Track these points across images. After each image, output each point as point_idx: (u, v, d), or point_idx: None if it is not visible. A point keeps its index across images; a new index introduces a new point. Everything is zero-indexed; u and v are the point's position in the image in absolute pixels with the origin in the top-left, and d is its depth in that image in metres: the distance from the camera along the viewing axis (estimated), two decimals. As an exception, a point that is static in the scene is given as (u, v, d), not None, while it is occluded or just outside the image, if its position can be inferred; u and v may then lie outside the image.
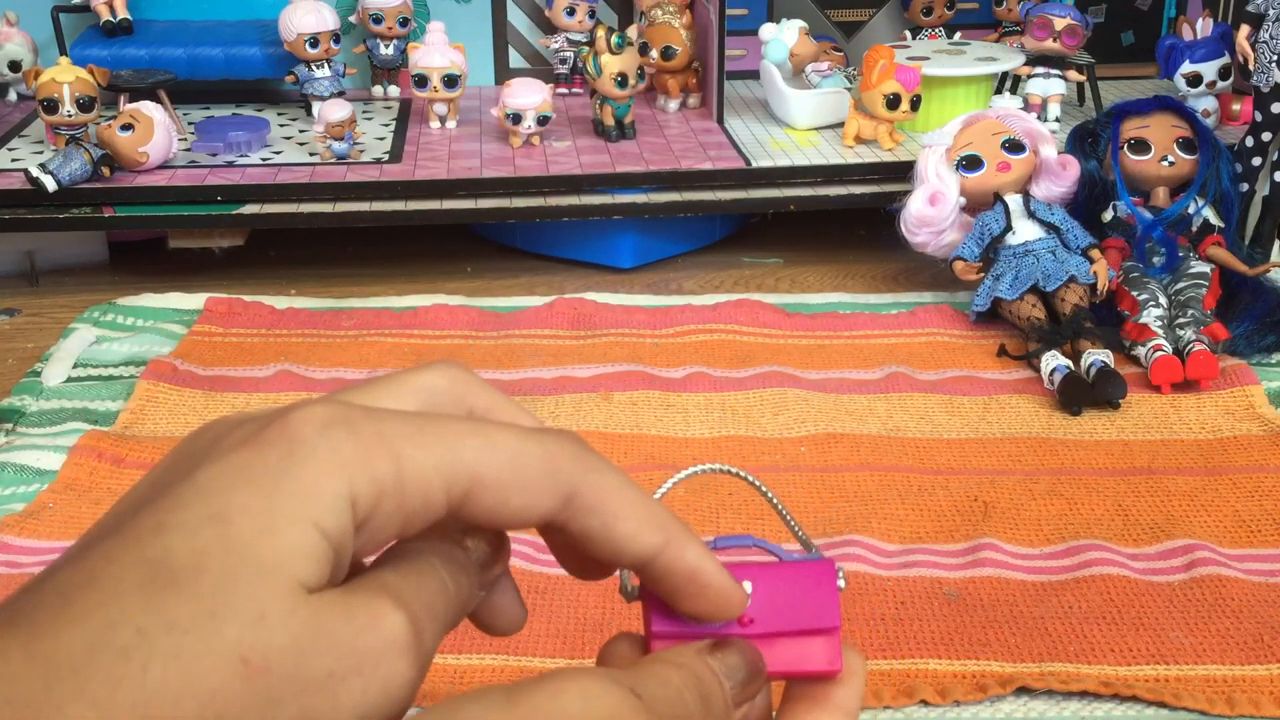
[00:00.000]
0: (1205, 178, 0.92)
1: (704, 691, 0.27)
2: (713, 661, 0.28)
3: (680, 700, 0.26)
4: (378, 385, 0.28)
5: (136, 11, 1.17)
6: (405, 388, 0.28)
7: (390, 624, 0.24)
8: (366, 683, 0.23)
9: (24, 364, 0.87)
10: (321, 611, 0.23)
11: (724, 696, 0.28)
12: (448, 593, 0.26)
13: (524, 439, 0.27)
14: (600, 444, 0.76)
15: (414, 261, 1.06)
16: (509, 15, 1.27)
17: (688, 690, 0.27)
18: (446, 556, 0.27)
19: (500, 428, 0.27)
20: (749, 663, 0.28)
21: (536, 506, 0.27)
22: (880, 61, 1.04)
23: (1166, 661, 0.57)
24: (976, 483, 0.72)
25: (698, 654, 0.28)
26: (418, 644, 0.24)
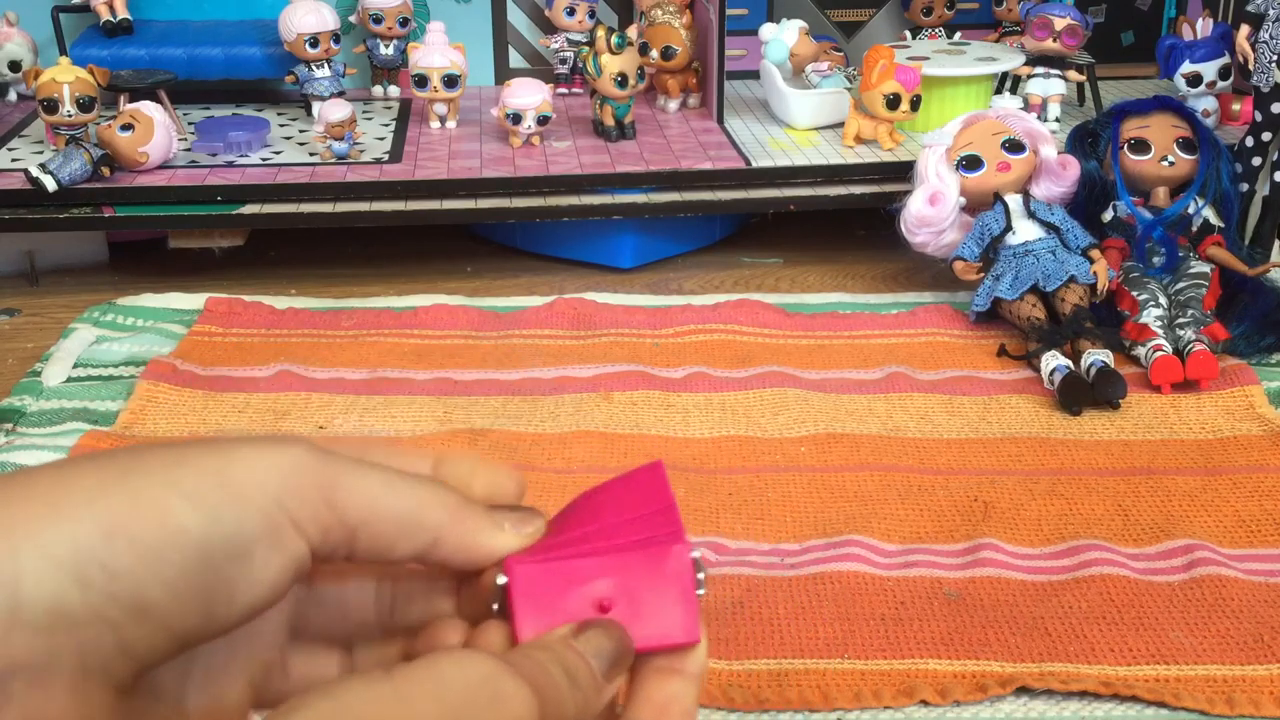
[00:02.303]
0: (1205, 178, 0.92)
1: (569, 668, 0.28)
2: (577, 642, 0.29)
3: (549, 677, 0.28)
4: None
5: (136, 11, 1.17)
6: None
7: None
8: None
9: (24, 364, 0.87)
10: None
11: (590, 673, 0.29)
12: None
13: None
14: (600, 444, 0.76)
15: (414, 261, 1.06)
16: (509, 15, 1.27)
17: (553, 665, 0.28)
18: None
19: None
20: (615, 640, 0.30)
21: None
22: (880, 61, 1.04)
23: (1166, 661, 0.57)
24: (976, 483, 0.72)
25: (561, 638, 0.29)
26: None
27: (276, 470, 0.27)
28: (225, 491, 0.27)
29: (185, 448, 0.27)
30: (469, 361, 0.87)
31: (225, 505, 0.26)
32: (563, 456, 0.75)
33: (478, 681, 0.26)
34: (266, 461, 0.27)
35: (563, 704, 0.28)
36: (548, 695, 0.27)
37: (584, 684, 0.28)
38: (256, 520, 0.27)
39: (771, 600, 0.61)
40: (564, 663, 0.28)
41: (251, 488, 0.27)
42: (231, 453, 0.27)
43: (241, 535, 0.26)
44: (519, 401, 0.81)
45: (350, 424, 0.79)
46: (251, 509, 0.27)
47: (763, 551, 0.66)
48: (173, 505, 0.26)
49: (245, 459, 0.27)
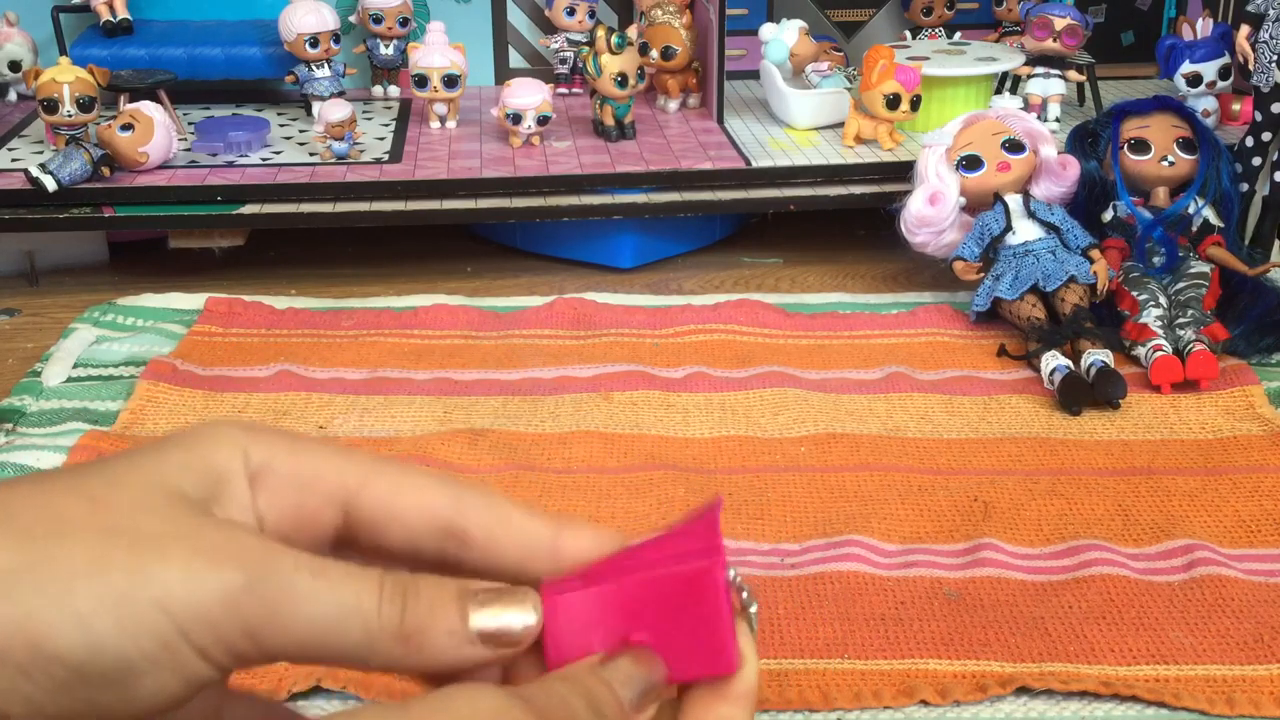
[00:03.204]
0: (1205, 178, 0.92)
1: (593, 699, 0.27)
2: (604, 671, 0.28)
3: (567, 706, 0.27)
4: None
5: (136, 11, 1.17)
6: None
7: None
8: None
9: (24, 364, 0.87)
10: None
11: (617, 703, 0.27)
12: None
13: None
14: (600, 444, 0.76)
15: (414, 261, 1.06)
16: (509, 15, 1.27)
17: (574, 697, 0.27)
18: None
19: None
20: (646, 668, 0.28)
21: (429, 504, 0.29)
22: (880, 61, 1.04)
23: (1166, 661, 0.57)
24: (976, 483, 0.72)
25: (589, 667, 0.28)
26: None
27: (194, 599, 0.25)
28: (119, 616, 0.25)
29: (109, 540, 0.25)
30: (469, 361, 0.87)
31: (113, 632, 0.24)
32: (563, 456, 0.75)
33: (489, 713, 0.25)
34: (187, 585, 0.25)
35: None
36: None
37: (610, 714, 0.27)
38: (150, 647, 0.25)
39: (771, 600, 0.61)
40: (588, 694, 0.27)
41: (153, 614, 0.25)
42: (152, 568, 0.25)
43: (126, 662, 0.25)
44: (519, 401, 0.81)
45: (350, 424, 0.79)
46: (146, 636, 0.25)
47: (763, 551, 0.66)
48: (54, 630, 0.24)
49: (165, 578, 0.25)
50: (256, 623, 0.26)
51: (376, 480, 0.30)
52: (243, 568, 0.26)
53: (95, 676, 0.25)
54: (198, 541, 0.26)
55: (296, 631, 0.26)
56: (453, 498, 0.30)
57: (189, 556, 0.25)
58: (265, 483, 0.29)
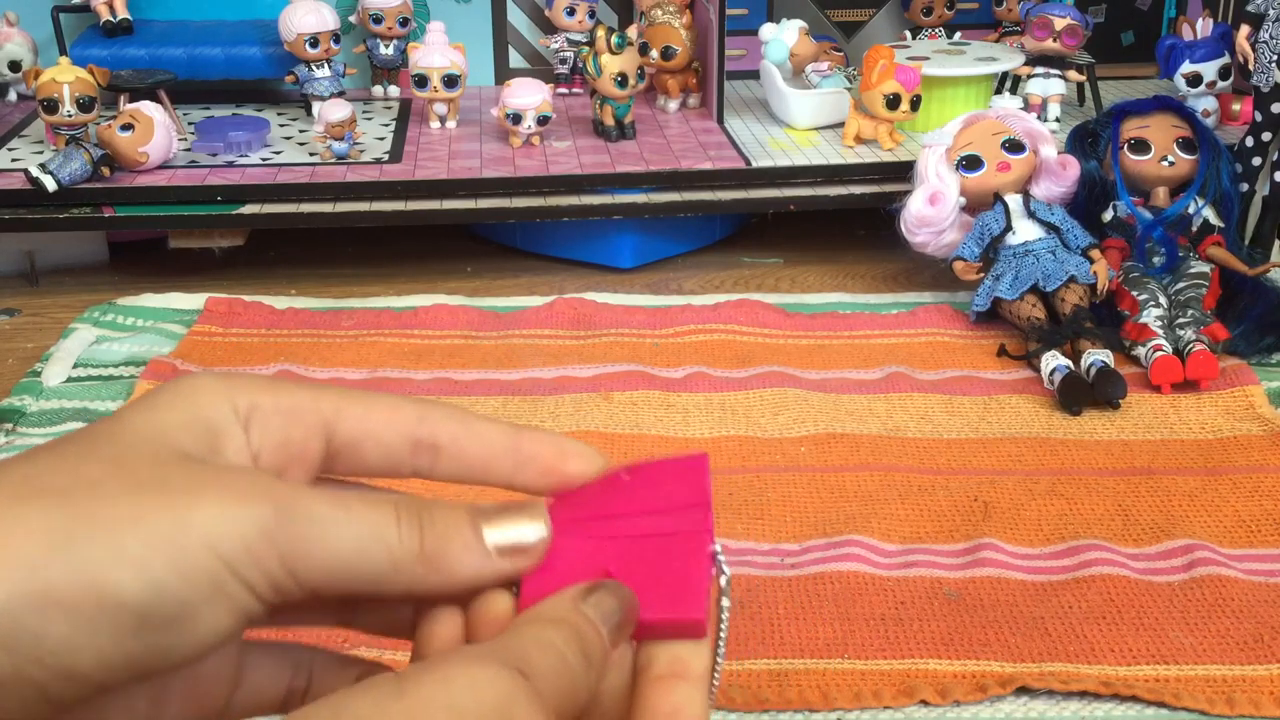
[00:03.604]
0: (1205, 178, 0.92)
1: (584, 646, 0.28)
2: (586, 608, 0.28)
3: (565, 666, 0.27)
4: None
5: (136, 11, 1.17)
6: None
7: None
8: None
9: (24, 364, 0.87)
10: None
11: (602, 643, 0.28)
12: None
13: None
14: (600, 444, 0.76)
15: (414, 261, 1.06)
16: (509, 15, 1.27)
17: (570, 650, 0.27)
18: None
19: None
20: (622, 602, 0.29)
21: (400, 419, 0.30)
22: (880, 61, 1.04)
23: (1166, 661, 0.57)
24: (976, 483, 0.72)
25: (573, 602, 0.29)
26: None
27: (234, 534, 0.26)
28: (174, 559, 0.26)
29: (144, 492, 0.26)
30: (469, 361, 0.87)
31: (172, 575, 0.25)
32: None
33: (491, 706, 0.25)
34: (226, 523, 0.26)
35: (577, 690, 0.27)
36: (564, 696, 0.27)
37: (598, 659, 0.28)
38: (204, 586, 0.26)
39: (771, 600, 0.61)
40: (580, 638, 0.28)
41: (203, 553, 0.26)
42: (190, 510, 0.26)
43: (186, 603, 0.26)
44: (519, 401, 0.81)
45: (350, 424, 0.79)
46: (200, 575, 0.26)
47: (763, 551, 0.66)
48: (114, 578, 0.25)
49: (204, 518, 0.26)
50: (291, 552, 0.27)
51: (350, 405, 0.31)
52: (271, 502, 0.27)
53: (157, 619, 0.25)
54: (224, 485, 0.27)
55: (325, 559, 0.27)
56: (419, 411, 0.32)
57: (222, 498, 0.27)
58: (254, 421, 0.30)
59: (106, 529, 0.25)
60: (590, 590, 0.29)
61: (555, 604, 0.29)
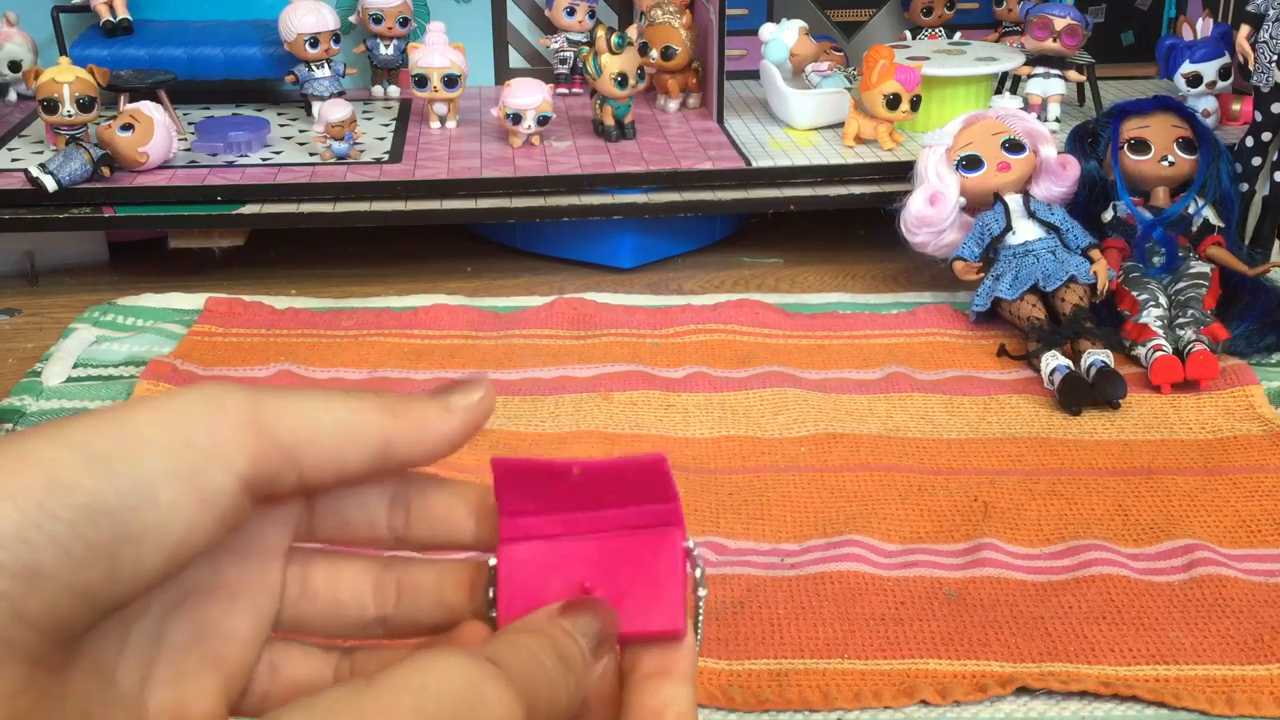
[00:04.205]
0: (1205, 178, 0.92)
1: (561, 651, 0.28)
2: (564, 622, 0.29)
3: (536, 661, 0.27)
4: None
5: (136, 11, 1.17)
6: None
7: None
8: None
9: (24, 364, 0.87)
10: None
11: (581, 653, 0.28)
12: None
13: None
14: (600, 444, 0.76)
15: (414, 261, 1.06)
16: (509, 15, 1.27)
17: (543, 652, 0.27)
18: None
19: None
20: (601, 618, 0.29)
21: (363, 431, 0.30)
22: (880, 61, 1.04)
23: (1166, 661, 0.57)
24: (976, 483, 0.72)
25: (549, 617, 0.29)
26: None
27: (184, 411, 0.26)
28: (121, 438, 0.25)
29: (89, 413, 0.26)
30: (469, 361, 0.87)
31: (121, 452, 0.25)
32: (562, 456, 0.75)
33: (460, 688, 0.25)
34: (174, 404, 0.26)
35: (555, 691, 0.27)
36: (537, 689, 0.27)
37: (575, 664, 0.28)
38: (159, 462, 0.25)
39: (771, 600, 0.61)
40: (555, 645, 0.28)
41: (153, 429, 0.26)
42: (135, 404, 0.26)
43: (141, 480, 0.25)
44: (519, 401, 0.81)
45: (350, 424, 0.79)
46: (153, 451, 0.25)
47: (763, 551, 0.66)
48: (60, 459, 0.24)
49: (149, 405, 0.26)
50: (267, 419, 0.27)
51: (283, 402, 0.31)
52: (223, 384, 0.27)
53: (113, 501, 0.25)
54: (190, 389, 0.28)
55: (298, 417, 0.28)
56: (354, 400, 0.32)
57: (170, 394, 0.27)
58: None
59: (53, 428, 0.26)
60: (568, 607, 0.29)
61: (532, 618, 0.29)
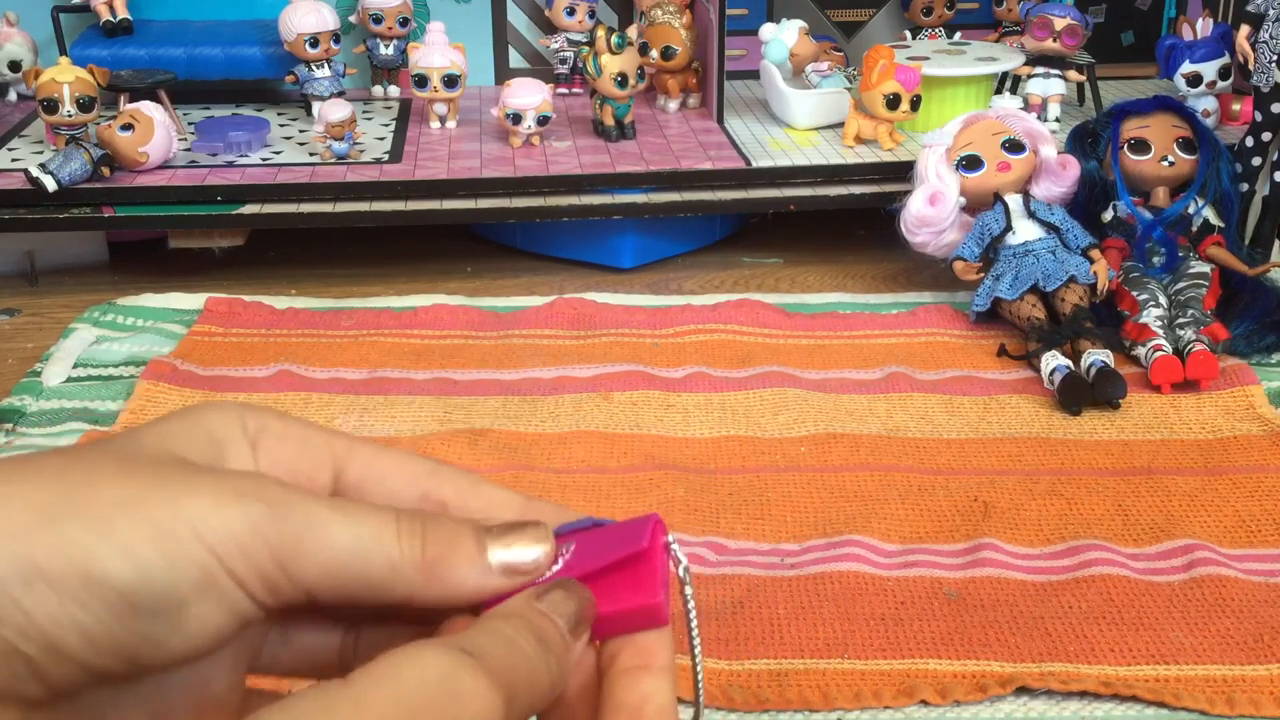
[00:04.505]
0: (1205, 178, 0.92)
1: (538, 633, 0.28)
2: (540, 604, 0.29)
3: (514, 646, 0.27)
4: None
5: (136, 11, 1.17)
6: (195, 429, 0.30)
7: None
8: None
9: (24, 364, 0.87)
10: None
11: (559, 633, 0.28)
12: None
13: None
14: (600, 444, 0.76)
15: (414, 261, 1.06)
16: (509, 15, 1.27)
17: (520, 636, 0.27)
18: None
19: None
20: (577, 597, 0.29)
21: (410, 470, 0.31)
22: (880, 61, 1.04)
23: (1166, 661, 0.57)
24: (976, 483, 0.72)
25: (525, 600, 0.29)
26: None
27: (226, 527, 0.26)
28: (162, 545, 0.25)
29: (138, 482, 0.26)
30: (469, 361, 0.87)
31: (159, 560, 0.25)
32: (563, 456, 0.75)
33: (436, 680, 0.25)
34: (218, 516, 0.26)
35: (535, 674, 0.27)
36: (516, 675, 0.27)
37: (554, 645, 0.28)
38: (193, 575, 0.26)
39: (771, 600, 0.61)
40: (533, 627, 0.28)
41: (192, 543, 0.26)
42: (182, 501, 0.26)
43: (173, 591, 0.26)
44: (519, 401, 0.81)
45: (350, 424, 0.79)
46: (189, 564, 0.26)
47: (763, 551, 0.66)
48: (100, 556, 0.25)
49: (195, 510, 0.26)
50: (284, 550, 0.27)
51: (361, 447, 0.31)
52: (265, 501, 0.27)
53: (144, 605, 0.25)
54: (221, 482, 0.27)
55: (322, 559, 0.27)
56: (431, 465, 0.32)
57: (216, 492, 0.27)
58: (264, 443, 0.30)
59: (96, 509, 0.25)
60: (544, 590, 0.29)
61: (509, 604, 0.29)
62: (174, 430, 0.29)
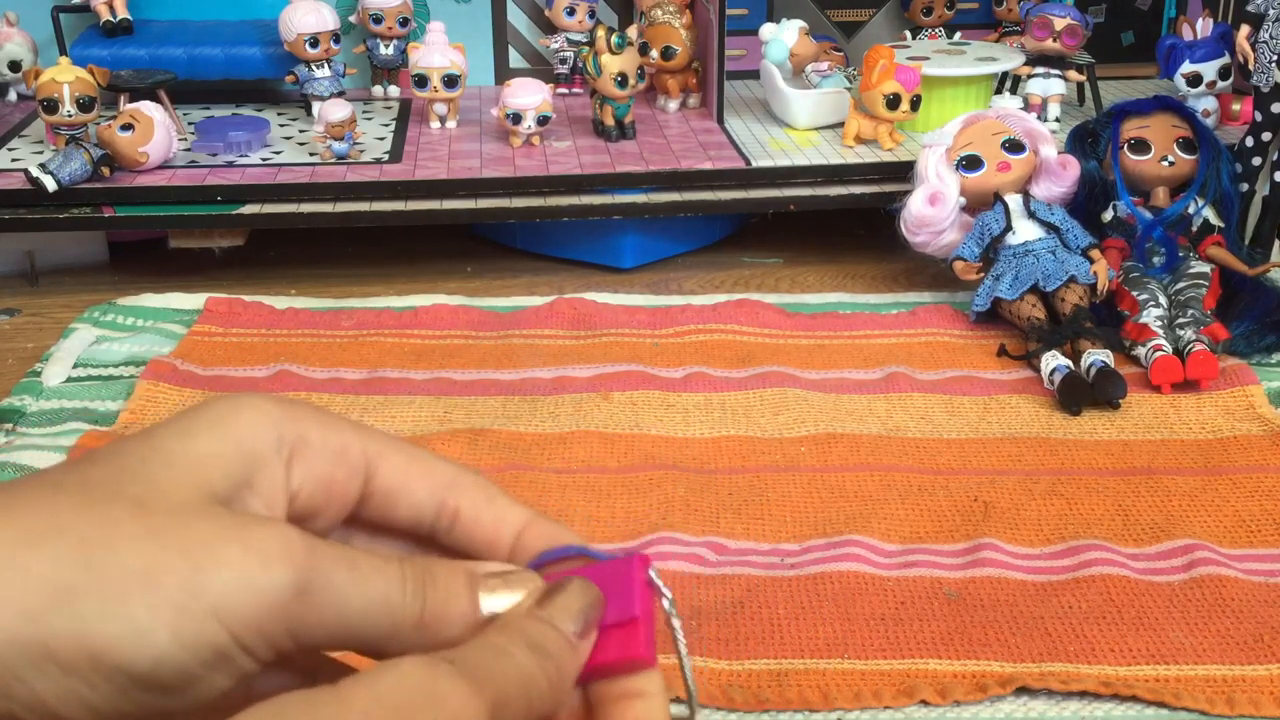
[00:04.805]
0: (1205, 178, 0.92)
1: (533, 641, 0.28)
2: (541, 610, 0.29)
3: (503, 654, 0.27)
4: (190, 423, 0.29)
5: (136, 11, 1.17)
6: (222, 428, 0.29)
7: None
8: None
9: (24, 364, 0.87)
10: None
11: (559, 637, 0.28)
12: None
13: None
14: (600, 444, 0.76)
15: (414, 261, 1.06)
16: (509, 15, 1.27)
17: (511, 645, 0.28)
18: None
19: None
20: (582, 595, 0.29)
21: (436, 478, 0.31)
22: (880, 61, 1.04)
23: (1166, 661, 0.57)
24: (976, 483, 0.72)
25: (524, 611, 0.29)
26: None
27: (248, 610, 0.26)
28: (179, 627, 0.25)
29: (160, 544, 0.25)
30: (468, 361, 0.87)
31: (173, 645, 0.25)
32: (562, 456, 0.75)
33: (414, 683, 0.26)
34: (241, 593, 0.25)
35: (530, 680, 0.27)
36: (504, 682, 0.27)
37: (554, 650, 0.28)
38: (208, 656, 0.25)
39: (771, 600, 0.61)
40: (525, 636, 0.28)
41: (211, 624, 0.25)
42: (206, 574, 0.25)
43: (185, 672, 0.25)
44: (518, 401, 0.81)
45: (350, 424, 0.79)
46: (205, 646, 0.25)
47: (763, 551, 0.66)
48: (115, 641, 0.25)
49: (219, 585, 0.25)
50: (301, 622, 0.26)
51: (394, 454, 0.31)
52: (293, 567, 0.26)
53: (154, 685, 0.25)
54: (248, 541, 0.26)
55: (332, 626, 0.27)
56: (453, 473, 0.32)
57: (242, 558, 0.26)
58: (302, 455, 0.30)
59: (114, 590, 0.25)
60: (550, 593, 0.29)
61: (503, 617, 0.29)
62: (206, 451, 0.28)
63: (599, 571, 0.30)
